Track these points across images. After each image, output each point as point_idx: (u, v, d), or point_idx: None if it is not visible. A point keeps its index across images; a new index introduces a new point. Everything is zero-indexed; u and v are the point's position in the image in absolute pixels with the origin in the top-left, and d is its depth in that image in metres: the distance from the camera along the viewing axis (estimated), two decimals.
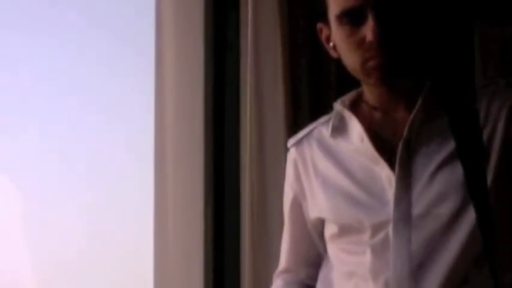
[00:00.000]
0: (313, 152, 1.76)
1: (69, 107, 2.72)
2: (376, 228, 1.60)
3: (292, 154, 1.81)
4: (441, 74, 1.69)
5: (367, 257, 1.61)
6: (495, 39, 2.52)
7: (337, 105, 1.75)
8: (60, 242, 2.65)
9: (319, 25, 1.71)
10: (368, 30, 1.57)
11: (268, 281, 1.93)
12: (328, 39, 1.69)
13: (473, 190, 1.55)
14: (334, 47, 1.69)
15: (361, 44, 1.59)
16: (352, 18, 1.59)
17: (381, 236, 1.60)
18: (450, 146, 1.60)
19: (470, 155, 1.57)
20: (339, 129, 1.73)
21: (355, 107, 1.73)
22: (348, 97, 1.76)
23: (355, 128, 1.69)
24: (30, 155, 2.68)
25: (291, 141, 1.83)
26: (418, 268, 1.56)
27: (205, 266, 2.62)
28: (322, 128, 1.78)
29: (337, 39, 1.66)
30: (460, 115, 1.62)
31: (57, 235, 2.65)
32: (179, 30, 2.68)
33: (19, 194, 2.67)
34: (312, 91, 2.60)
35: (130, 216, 2.68)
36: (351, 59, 1.64)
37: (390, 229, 1.59)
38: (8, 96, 2.71)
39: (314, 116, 1.87)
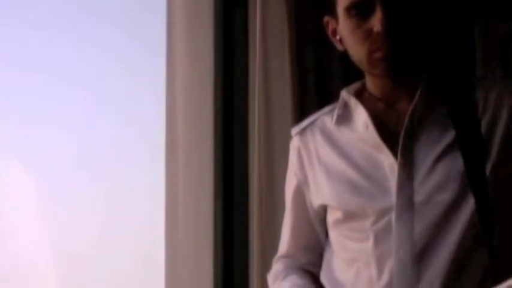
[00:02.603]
0: (316, 141, 1.78)
1: (84, 102, 2.73)
2: (379, 215, 1.62)
3: (295, 142, 1.83)
4: (441, 65, 1.73)
5: (370, 243, 1.63)
6: (496, 34, 2.50)
7: (344, 93, 1.77)
8: (75, 231, 2.64)
9: (326, 18, 1.73)
10: (376, 21, 1.59)
11: None
12: (335, 32, 1.72)
13: (473, 178, 1.58)
14: (341, 40, 1.71)
15: (368, 35, 1.61)
16: (360, 10, 1.62)
17: (383, 222, 1.62)
18: (450, 135, 1.62)
19: (469, 144, 1.60)
20: (344, 117, 1.75)
21: (359, 97, 1.74)
22: (353, 87, 1.78)
23: (361, 115, 1.71)
24: (47, 148, 2.67)
25: (295, 130, 1.84)
26: (421, 254, 1.58)
27: (215, 256, 2.62)
28: (325, 117, 1.80)
29: (345, 31, 1.67)
30: (459, 106, 1.64)
31: (72, 224, 2.65)
32: (190, 27, 2.69)
33: (36, 184, 2.67)
34: (319, 82, 2.60)
35: (143, 208, 2.68)
36: (357, 51, 1.66)
37: (393, 216, 1.61)
38: (25, 92, 2.72)
39: (321, 106, 1.88)
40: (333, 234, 1.75)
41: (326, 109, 1.83)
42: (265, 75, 2.59)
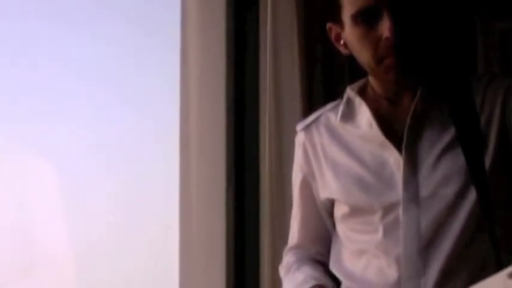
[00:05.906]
0: (322, 137, 1.79)
1: (101, 96, 2.76)
2: (387, 210, 1.66)
3: (300, 138, 1.85)
4: (442, 64, 1.75)
5: (379, 236, 1.67)
6: (496, 32, 2.53)
7: (349, 91, 1.78)
8: (93, 221, 2.68)
9: (329, 25, 1.74)
10: (384, 29, 1.60)
11: None
12: (338, 37, 1.73)
13: (474, 171, 1.62)
14: (345, 45, 1.72)
15: (376, 42, 1.63)
16: (367, 17, 1.63)
17: (392, 216, 1.66)
18: (451, 132, 1.66)
19: (469, 140, 1.64)
20: (348, 114, 1.76)
21: (363, 94, 1.76)
22: (357, 84, 1.79)
23: (364, 113, 1.73)
24: (65, 143, 2.70)
25: (300, 126, 1.86)
26: (427, 244, 1.62)
27: (227, 247, 2.67)
28: (329, 114, 1.82)
29: (351, 38, 1.68)
30: (459, 103, 1.68)
31: (89, 218, 2.69)
32: (203, 23, 2.73)
33: (55, 179, 2.70)
34: (326, 77, 2.64)
35: (157, 198, 2.71)
36: (366, 57, 1.67)
37: (400, 210, 1.64)
38: (42, 87, 2.75)
39: (329, 99, 1.90)
40: (340, 227, 1.79)
41: (329, 106, 1.85)
42: (275, 71, 2.63)
